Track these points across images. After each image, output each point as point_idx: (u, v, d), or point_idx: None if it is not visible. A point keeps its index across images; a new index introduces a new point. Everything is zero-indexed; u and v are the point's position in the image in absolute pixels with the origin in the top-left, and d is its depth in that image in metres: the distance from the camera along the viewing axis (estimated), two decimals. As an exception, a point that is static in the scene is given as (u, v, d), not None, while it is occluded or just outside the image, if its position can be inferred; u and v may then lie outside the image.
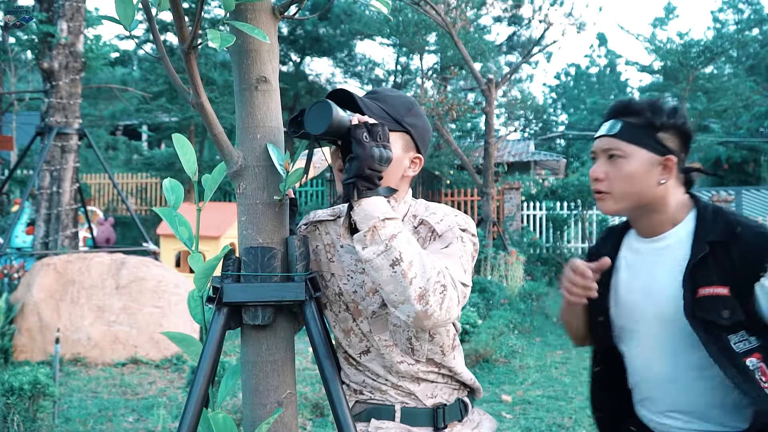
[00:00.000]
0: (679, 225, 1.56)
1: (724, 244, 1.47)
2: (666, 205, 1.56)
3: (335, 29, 18.70)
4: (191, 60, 1.19)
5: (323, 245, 1.57)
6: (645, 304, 1.56)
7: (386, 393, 1.51)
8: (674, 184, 1.56)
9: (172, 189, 1.39)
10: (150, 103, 14.58)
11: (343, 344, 1.54)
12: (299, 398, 4.46)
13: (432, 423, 1.50)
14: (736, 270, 1.44)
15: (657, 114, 1.52)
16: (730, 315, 1.43)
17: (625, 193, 1.54)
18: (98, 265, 6.04)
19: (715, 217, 1.52)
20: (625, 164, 1.53)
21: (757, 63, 23.68)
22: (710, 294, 1.44)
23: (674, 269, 1.52)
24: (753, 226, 1.48)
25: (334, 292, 1.53)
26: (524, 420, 4.36)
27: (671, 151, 1.53)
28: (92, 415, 4.35)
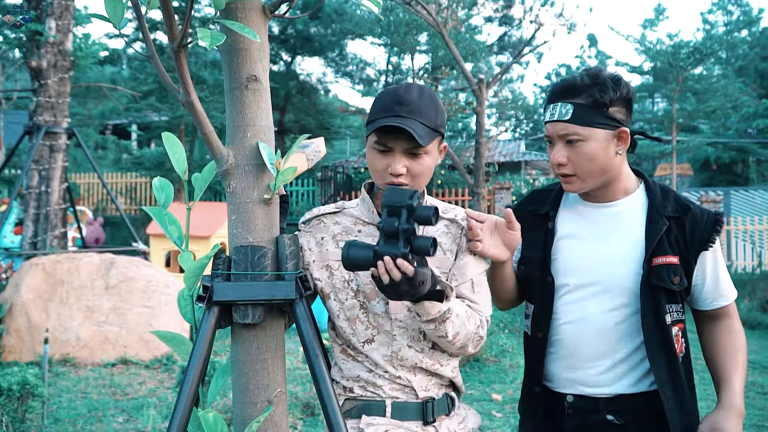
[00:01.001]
0: (631, 195, 1.67)
1: (678, 218, 1.61)
2: (621, 174, 1.65)
3: (326, 29, 18.68)
4: (181, 58, 1.18)
5: (331, 236, 1.60)
6: (598, 267, 1.62)
7: (380, 387, 1.54)
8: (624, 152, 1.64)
9: (161, 188, 1.39)
10: (140, 102, 14.52)
11: (346, 334, 1.56)
12: (290, 398, 4.45)
13: (422, 417, 1.54)
14: (687, 242, 1.60)
15: (604, 91, 1.56)
16: (679, 281, 1.59)
17: (590, 173, 1.60)
18: (87, 265, 6.01)
19: (664, 193, 1.65)
20: (585, 146, 1.58)
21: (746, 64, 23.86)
22: (663, 263, 1.58)
23: (629, 238, 1.62)
24: (697, 204, 1.65)
25: (343, 279, 1.56)
26: (514, 419, 4.38)
27: (622, 123, 1.59)
28: (81, 415, 4.33)
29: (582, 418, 1.64)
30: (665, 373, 1.58)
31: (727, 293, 1.65)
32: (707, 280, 1.63)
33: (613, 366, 1.62)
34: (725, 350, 1.63)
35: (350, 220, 1.62)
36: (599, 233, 1.65)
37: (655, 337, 1.58)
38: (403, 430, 1.52)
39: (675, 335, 1.60)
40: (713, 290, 1.64)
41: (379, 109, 1.51)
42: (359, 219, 1.61)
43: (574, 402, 1.65)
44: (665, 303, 1.58)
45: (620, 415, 1.61)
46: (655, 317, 1.58)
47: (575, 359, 1.64)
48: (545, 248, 1.68)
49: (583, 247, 1.65)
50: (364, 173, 17.07)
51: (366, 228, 1.61)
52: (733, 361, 1.61)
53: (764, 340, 7.69)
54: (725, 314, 1.66)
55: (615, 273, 1.61)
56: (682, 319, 1.63)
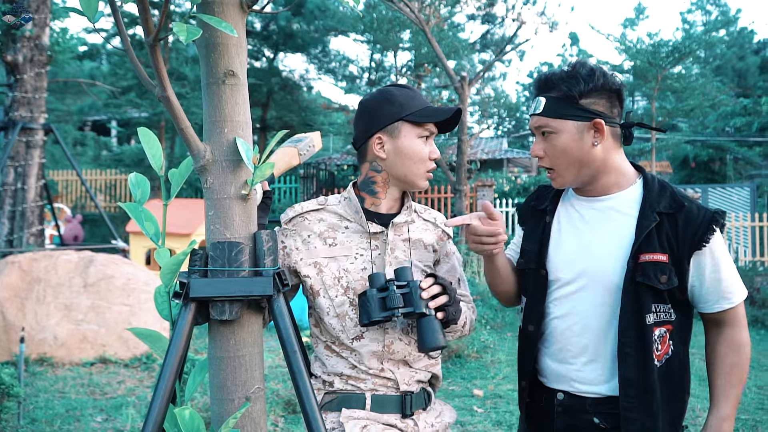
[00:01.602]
0: (626, 189, 1.64)
1: (671, 215, 1.56)
2: (608, 166, 1.62)
3: (309, 25, 18.59)
4: (156, 53, 1.17)
5: (317, 233, 1.62)
6: (586, 262, 1.61)
7: (362, 381, 1.57)
8: (612, 144, 1.62)
9: (138, 184, 1.38)
10: (119, 98, 14.37)
11: (335, 330, 1.58)
12: (271, 395, 4.44)
13: (400, 410, 1.58)
14: (679, 240, 1.55)
15: (574, 84, 1.57)
16: (667, 280, 1.54)
17: (566, 165, 1.61)
18: (65, 263, 5.93)
19: (662, 189, 1.61)
20: (557, 139, 1.59)
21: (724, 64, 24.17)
22: (650, 260, 1.54)
23: (619, 233, 1.60)
24: (695, 202, 1.60)
25: (333, 276, 1.59)
26: (495, 414, 4.40)
27: (598, 114, 1.58)
28: (59, 415, 4.28)
29: (571, 418, 1.63)
30: (633, 372, 1.54)
31: (731, 296, 1.58)
32: (706, 282, 1.57)
33: (600, 363, 1.60)
34: (723, 367, 1.58)
35: (335, 217, 1.65)
36: (590, 227, 1.64)
37: (630, 335, 1.54)
38: (383, 423, 1.54)
39: (661, 336, 1.55)
40: (714, 291, 1.57)
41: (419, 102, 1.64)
42: (344, 216, 1.63)
43: (564, 400, 1.64)
44: (650, 302, 1.54)
45: (607, 418, 1.58)
46: (635, 315, 1.54)
47: (564, 354, 1.64)
48: (541, 242, 1.70)
49: (575, 242, 1.65)
50: (347, 170, 17.05)
51: (353, 225, 1.64)
52: (728, 381, 1.56)
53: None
54: (729, 322, 1.60)
55: (603, 268, 1.59)
56: (669, 320, 1.57)
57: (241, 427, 1.32)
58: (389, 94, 1.63)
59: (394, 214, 1.67)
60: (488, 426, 4.16)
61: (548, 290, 1.68)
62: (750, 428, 4.29)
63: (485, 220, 1.58)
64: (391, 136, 1.61)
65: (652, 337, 1.54)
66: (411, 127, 1.61)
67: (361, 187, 1.68)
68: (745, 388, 5.32)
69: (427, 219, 1.74)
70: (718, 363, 1.59)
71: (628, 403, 1.54)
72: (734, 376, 1.56)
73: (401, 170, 1.62)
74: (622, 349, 1.55)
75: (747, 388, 5.31)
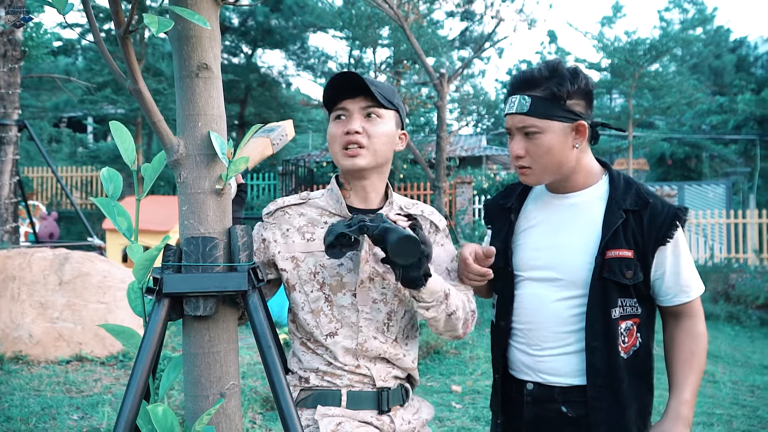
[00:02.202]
0: (592, 186, 1.66)
1: (636, 212, 1.59)
2: (580, 165, 1.64)
3: (287, 21, 18.50)
4: (128, 45, 1.16)
5: (296, 228, 1.61)
6: (553, 257, 1.64)
7: (339, 377, 1.56)
8: (584, 145, 1.64)
9: (110, 178, 1.36)
10: (95, 94, 14.19)
11: (309, 326, 1.57)
12: (250, 392, 4.42)
13: (377, 406, 1.56)
14: (644, 236, 1.58)
15: (561, 84, 1.56)
16: (632, 275, 1.57)
17: (547, 166, 1.61)
18: (40, 261, 5.85)
19: (627, 186, 1.63)
20: (543, 139, 1.59)
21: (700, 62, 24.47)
22: (616, 256, 1.57)
23: (586, 229, 1.62)
24: (659, 198, 1.62)
25: (309, 272, 1.57)
26: (473, 409, 4.43)
27: (580, 116, 1.58)
28: (35, 413, 4.22)
29: (539, 407, 1.66)
30: (600, 362, 1.57)
31: (689, 289, 1.62)
32: (666, 275, 1.61)
33: (568, 355, 1.62)
34: (681, 354, 1.60)
35: (316, 211, 1.63)
36: (557, 224, 1.66)
37: (597, 328, 1.58)
38: (358, 421, 1.53)
39: (628, 330, 1.59)
40: (674, 285, 1.61)
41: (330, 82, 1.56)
42: (325, 210, 1.62)
43: (533, 390, 1.67)
44: (616, 297, 1.58)
45: (574, 407, 1.61)
46: (602, 309, 1.57)
47: (533, 347, 1.67)
48: (506, 240, 1.72)
49: (541, 238, 1.68)
50: (326, 167, 17.00)
51: (332, 219, 1.61)
52: (688, 367, 1.58)
53: (715, 330, 7.93)
54: (687, 313, 1.64)
55: (569, 264, 1.61)
56: (635, 314, 1.61)
57: (215, 423, 1.31)
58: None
59: (371, 210, 1.66)
60: (466, 422, 4.18)
61: (515, 286, 1.70)
62: (725, 423, 4.36)
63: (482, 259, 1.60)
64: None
65: (618, 331, 1.58)
66: (328, 112, 1.62)
67: (338, 179, 1.69)
68: (720, 383, 5.40)
69: (414, 212, 1.72)
70: (676, 350, 1.62)
71: (596, 392, 1.57)
72: (693, 362, 1.59)
73: (331, 156, 1.63)
74: (590, 343, 1.58)
75: (722, 383, 5.40)
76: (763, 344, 7.28)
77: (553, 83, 1.56)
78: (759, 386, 5.38)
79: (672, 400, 1.57)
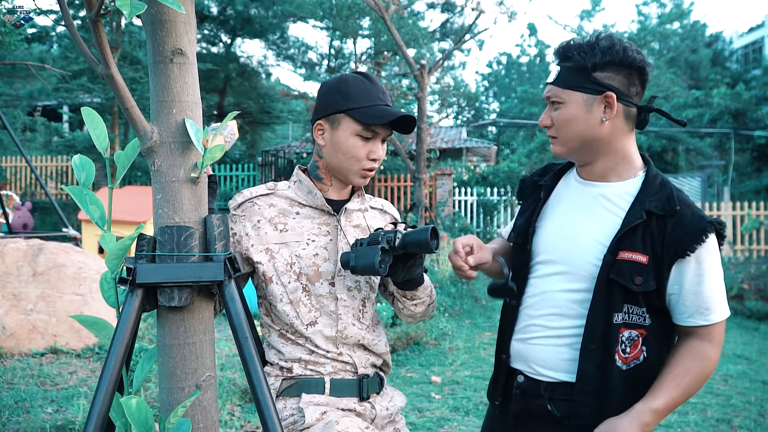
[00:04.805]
0: (625, 181, 1.57)
1: (661, 217, 1.48)
2: (612, 147, 1.55)
3: (267, 10, 18.32)
4: (99, 29, 1.12)
5: (267, 219, 1.59)
6: (566, 246, 1.57)
7: (322, 366, 1.57)
8: (622, 125, 1.54)
9: (82, 166, 1.33)
10: (70, 83, 13.94)
11: (289, 317, 1.56)
12: (228, 384, 4.39)
13: (358, 393, 1.59)
14: (665, 244, 1.46)
15: (589, 55, 1.51)
16: (642, 283, 1.46)
17: (569, 136, 1.56)
18: (13, 252, 5.74)
19: (661, 188, 1.53)
20: (564, 109, 1.55)
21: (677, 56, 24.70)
22: (629, 259, 1.47)
23: (605, 223, 1.53)
24: (693, 208, 1.51)
25: (285, 263, 1.57)
26: (452, 399, 4.44)
27: (611, 88, 1.50)
28: (7, 407, 4.15)
29: (527, 401, 1.61)
30: (593, 368, 1.49)
31: (708, 313, 1.47)
32: (685, 292, 1.47)
33: (562, 350, 1.55)
34: (675, 369, 1.47)
35: (285, 201, 1.63)
36: (578, 212, 1.59)
37: (596, 331, 1.49)
38: (342, 408, 1.55)
39: (632, 340, 1.48)
40: (691, 305, 1.47)
41: (369, 97, 1.56)
42: (295, 201, 1.62)
43: (522, 383, 1.61)
44: (622, 302, 1.47)
45: (559, 405, 1.54)
46: (604, 312, 1.48)
47: (529, 334, 1.61)
48: (531, 218, 1.67)
49: (561, 224, 1.61)
50: (306, 158, 16.91)
51: (304, 210, 1.62)
52: (677, 380, 1.45)
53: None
54: (701, 336, 1.49)
55: (581, 256, 1.53)
56: (642, 324, 1.49)
57: (191, 415, 1.29)
58: (343, 82, 1.60)
59: (345, 200, 1.67)
60: (445, 412, 4.20)
61: (530, 267, 1.64)
62: (700, 411, 4.42)
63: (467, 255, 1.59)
64: (331, 126, 1.59)
65: (618, 337, 1.48)
66: (351, 123, 1.56)
67: (309, 170, 1.67)
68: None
69: (375, 207, 1.77)
70: (674, 364, 1.49)
71: (583, 397, 1.50)
72: (685, 380, 1.45)
73: (335, 162, 1.60)
74: (586, 345, 1.49)
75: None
76: (736, 334, 7.40)
77: (581, 54, 1.52)
78: (732, 375, 5.46)
79: (641, 402, 1.44)
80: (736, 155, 19.09)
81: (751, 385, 5.17)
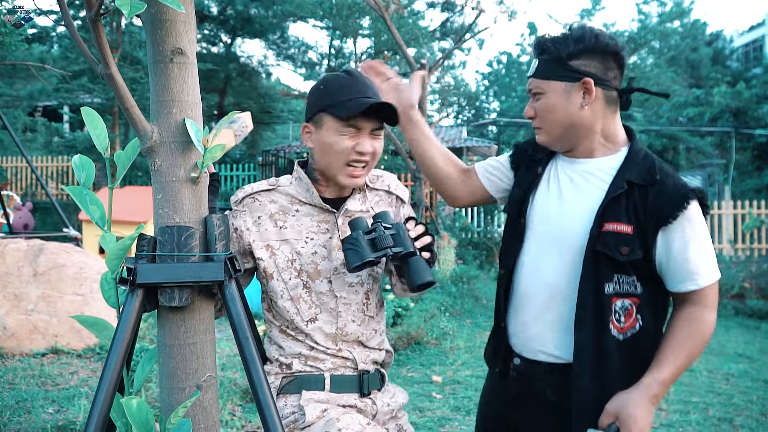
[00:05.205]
0: (609, 156, 1.62)
1: (643, 186, 1.53)
2: (594, 129, 1.61)
3: (267, 10, 18.31)
4: (99, 28, 1.12)
5: (268, 215, 1.59)
6: (556, 222, 1.61)
7: (322, 362, 1.56)
8: (603, 107, 1.60)
9: (82, 166, 1.32)
10: (70, 83, 13.93)
11: (290, 314, 1.56)
12: (229, 384, 4.39)
13: (359, 389, 1.59)
14: (648, 213, 1.51)
15: (562, 45, 1.58)
16: (628, 252, 1.50)
17: (552, 124, 1.62)
18: (14, 252, 5.74)
19: (643, 160, 1.58)
20: (544, 99, 1.61)
21: (677, 55, 24.68)
22: (613, 230, 1.51)
23: (590, 198, 1.58)
24: (675, 177, 1.55)
25: (286, 259, 1.57)
26: (453, 399, 4.44)
27: (587, 74, 1.57)
28: (8, 407, 4.15)
29: (524, 384, 1.63)
30: (588, 339, 1.51)
31: (698, 277, 1.51)
32: (673, 259, 1.51)
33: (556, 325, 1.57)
34: (677, 336, 1.51)
35: (286, 198, 1.62)
36: (565, 189, 1.63)
37: (588, 303, 1.51)
38: (342, 404, 1.55)
39: (626, 309, 1.52)
40: (681, 270, 1.51)
41: (348, 91, 1.53)
42: (295, 198, 1.61)
43: (519, 366, 1.64)
44: (611, 272, 1.51)
45: (558, 389, 1.56)
46: (594, 284, 1.51)
47: (523, 310, 1.63)
48: (527, 191, 1.69)
49: (549, 200, 1.65)
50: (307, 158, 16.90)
51: (303, 208, 1.61)
52: (678, 349, 1.49)
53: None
54: (695, 301, 1.53)
55: (569, 231, 1.57)
56: (633, 293, 1.53)
57: (192, 416, 1.29)
58: (323, 81, 1.59)
59: (346, 198, 1.65)
60: (447, 411, 4.19)
61: (523, 240, 1.66)
62: (701, 410, 4.42)
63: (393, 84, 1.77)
64: (315, 127, 1.58)
65: (611, 307, 1.51)
66: (332, 120, 1.54)
67: (307, 171, 1.66)
68: (696, 371, 5.48)
69: (379, 188, 1.71)
70: (673, 332, 1.52)
71: (581, 369, 1.52)
72: (685, 347, 1.49)
73: (323, 163, 1.59)
74: (580, 317, 1.52)
75: (698, 372, 5.47)
76: (737, 333, 7.39)
77: (556, 45, 1.59)
78: (734, 374, 5.46)
79: (648, 375, 1.48)
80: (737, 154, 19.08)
81: (753, 384, 5.16)
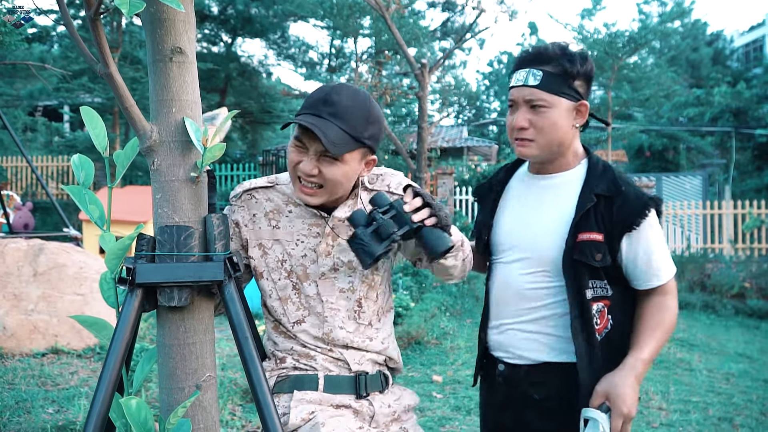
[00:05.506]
0: (571, 169, 1.70)
1: (609, 198, 1.62)
2: (572, 147, 1.69)
3: (268, 10, 18.30)
4: (98, 27, 1.12)
5: (263, 213, 1.58)
6: (523, 236, 1.68)
7: (314, 359, 1.54)
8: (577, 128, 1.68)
9: (81, 166, 1.32)
10: (71, 83, 13.93)
11: (277, 314, 1.56)
12: (229, 384, 4.39)
13: (354, 390, 1.55)
14: (614, 221, 1.61)
15: (572, 62, 1.61)
16: (602, 258, 1.60)
17: (550, 140, 1.64)
18: (14, 252, 5.74)
19: (604, 171, 1.67)
20: (550, 113, 1.61)
21: (678, 54, 24.67)
22: (587, 239, 1.60)
23: (560, 210, 1.66)
24: (634, 187, 1.65)
25: (277, 260, 1.56)
26: (454, 399, 4.44)
27: (583, 97, 1.64)
28: (8, 407, 4.15)
29: (509, 389, 1.70)
30: (584, 345, 1.59)
31: (661, 273, 1.64)
32: (638, 261, 1.63)
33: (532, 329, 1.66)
34: (648, 323, 1.62)
35: (282, 198, 1.59)
36: (533, 204, 1.71)
37: (576, 311, 1.60)
38: (336, 405, 1.52)
39: (599, 311, 1.62)
40: (647, 270, 1.63)
41: (306, 104, 1.48)
42: (290, 198, 1.59)
43: (504, 371, 1.71)
44: (588, 278, 1.60)
45: (538, 388, 1.65)
46: (578, 291, 1.60)
47: (501, 321, 1.72)
48: (490, 214, 1.78)
49: (516, 216, 1.72)
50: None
51: (297, 209, 1.58)
52: (651, 334, 1.60)
53: (692, 320, 8.03)
54: (659, 292, 1.66)
55: (540, 242, 1.65)
56: (606, 295, 1.64)
57: (191, 416, 1.29)
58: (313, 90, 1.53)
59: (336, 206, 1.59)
60: (447, 411, 4.19)
61: (493, 259, 1.76)
62: (701, 410, 4.41)
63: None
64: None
65: (591, 312, 1.61)
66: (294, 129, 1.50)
67: None
68: (696, 371, 5.48)
69: (378, 189, 1.61)
70: (643, 320, 1.64)
71: (584, 373, 1.59)
72: (658, 331, 1.61)
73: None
74: (574, 325, 1.60)
75: (698, 371, 5.47)
76: (737, 333, 7.39)
77: (565, 61, 1.61)
78: (734, 374, 5.46)
79: (629, 356, 1.58)
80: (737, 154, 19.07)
81: (753, 384, 5.16)
